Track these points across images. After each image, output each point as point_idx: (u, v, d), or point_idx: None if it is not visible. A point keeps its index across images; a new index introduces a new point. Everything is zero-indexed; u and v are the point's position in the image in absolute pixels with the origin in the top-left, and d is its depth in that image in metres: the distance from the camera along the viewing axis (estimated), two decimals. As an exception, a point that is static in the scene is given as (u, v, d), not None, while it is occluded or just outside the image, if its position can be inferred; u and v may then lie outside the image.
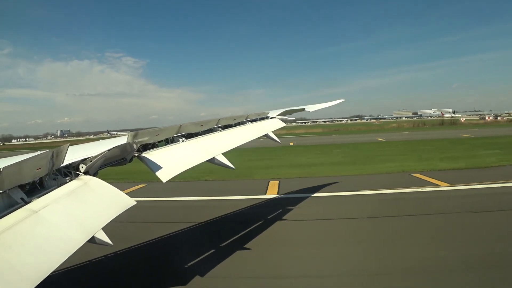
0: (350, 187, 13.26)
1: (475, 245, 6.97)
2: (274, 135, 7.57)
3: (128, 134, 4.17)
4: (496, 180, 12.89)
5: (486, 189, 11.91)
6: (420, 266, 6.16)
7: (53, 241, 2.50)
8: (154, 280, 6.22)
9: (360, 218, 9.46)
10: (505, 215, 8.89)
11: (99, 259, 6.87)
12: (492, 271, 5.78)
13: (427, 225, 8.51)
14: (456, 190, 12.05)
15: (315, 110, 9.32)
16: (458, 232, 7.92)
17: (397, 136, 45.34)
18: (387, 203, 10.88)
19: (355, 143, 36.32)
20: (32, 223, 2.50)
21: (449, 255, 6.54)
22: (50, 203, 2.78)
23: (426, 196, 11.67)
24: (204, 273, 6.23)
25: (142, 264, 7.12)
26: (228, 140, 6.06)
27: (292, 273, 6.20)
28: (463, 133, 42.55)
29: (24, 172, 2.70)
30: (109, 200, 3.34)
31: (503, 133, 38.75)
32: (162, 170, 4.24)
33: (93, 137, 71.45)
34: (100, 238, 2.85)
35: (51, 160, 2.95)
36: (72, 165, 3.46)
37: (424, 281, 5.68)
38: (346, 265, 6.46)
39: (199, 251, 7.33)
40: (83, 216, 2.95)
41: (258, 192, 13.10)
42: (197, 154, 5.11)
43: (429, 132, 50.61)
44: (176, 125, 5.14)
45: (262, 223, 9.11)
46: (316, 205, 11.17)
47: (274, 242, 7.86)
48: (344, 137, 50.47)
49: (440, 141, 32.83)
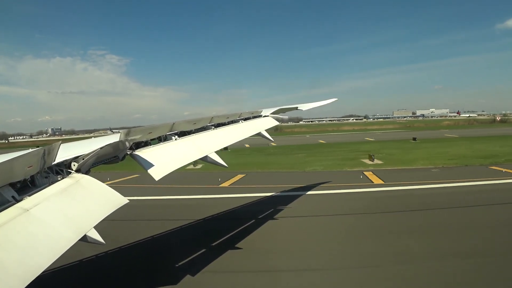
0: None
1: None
2: (267, 134, 7.59)
3: (121, 132, 4.14)
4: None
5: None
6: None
7: (44, 240, 2.47)
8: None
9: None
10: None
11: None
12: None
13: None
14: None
15: (308, 109, 9.37)
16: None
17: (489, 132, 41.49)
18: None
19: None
20: (23, 222, 2.47)
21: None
22: (41, 202, 2.75)
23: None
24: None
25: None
26: (221, 138, 6.06)
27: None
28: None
29: (15, 170, 2.66)
30: (102, 199, 3.31)
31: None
32: (155, 168, 4.22)
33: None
34: (92, 237, 2.84)
35: (43, 158, 2.92)
36: (64, 163, 3.42)
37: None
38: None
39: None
40: (75, 215, 2.92)
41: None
42: (190, 152, 5.10)
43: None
44: (169, 123, 5.11)
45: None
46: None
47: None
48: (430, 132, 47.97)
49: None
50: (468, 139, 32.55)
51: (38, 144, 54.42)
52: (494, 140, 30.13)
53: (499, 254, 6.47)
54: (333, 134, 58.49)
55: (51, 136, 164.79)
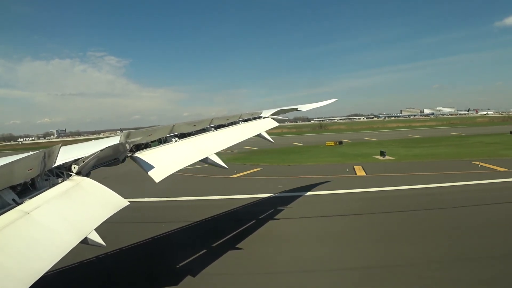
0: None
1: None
2: (267, 135, 7.60)
3: (121, 134, 4.14)
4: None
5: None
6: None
7: (45, 243, 2.47)
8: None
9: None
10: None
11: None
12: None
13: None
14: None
15: (308, 109, 9.39)
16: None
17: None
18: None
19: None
20: (24, 225, 2.47)
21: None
22: (42, 204, 2.74)
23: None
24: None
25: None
26: (221, 140, 6.07)
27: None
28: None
29: (16, 172, 2.66)
30: (102, 201, 3.31)
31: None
32: (155, 170, 4.22)
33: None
34: (93, 239, 2.84)
35: (43, 160, 2.91)
36: (64, 166, 3.41)
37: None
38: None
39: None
40: (75, 217, 2.91)
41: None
42: (190, 154, 5.10)
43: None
44: (169, 125, 5.11)
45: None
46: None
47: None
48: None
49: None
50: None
51: (48, 146, 54.26)
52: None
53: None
54: (385, 131, 57.52)
55: (59, 137, 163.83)
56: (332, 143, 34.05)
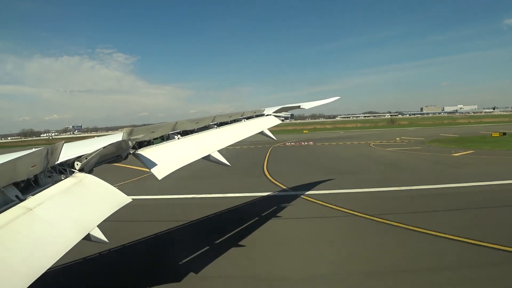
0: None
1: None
2: (270, 132, 7.58)
3: (123, 131, 4.14)
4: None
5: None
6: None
7: (48, 239, 2.48)
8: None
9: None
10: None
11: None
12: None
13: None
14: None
15: (310, 107, 9.34)
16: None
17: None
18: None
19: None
20: (27, 221, 2.49)
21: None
22: (45, 201, 2.76)
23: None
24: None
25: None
26: (223, 137, 6.06)
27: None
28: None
29: (19, 169, 2.68)
30: (105, 198, 3.32)
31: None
32: (157, 167, 4.22)
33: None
34: (96, 236, 2.85)
35: (46, 157, 2.93)
36: (67, 163, 3.43)
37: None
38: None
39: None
40: (78, 214, 2.93)
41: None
42: (192, 151, 5.10)
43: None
44: (171, 122, 5.12)
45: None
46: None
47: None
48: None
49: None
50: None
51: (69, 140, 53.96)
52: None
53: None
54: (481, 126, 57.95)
55: (77, 133, 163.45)
56: (497, 134, 33.43)
